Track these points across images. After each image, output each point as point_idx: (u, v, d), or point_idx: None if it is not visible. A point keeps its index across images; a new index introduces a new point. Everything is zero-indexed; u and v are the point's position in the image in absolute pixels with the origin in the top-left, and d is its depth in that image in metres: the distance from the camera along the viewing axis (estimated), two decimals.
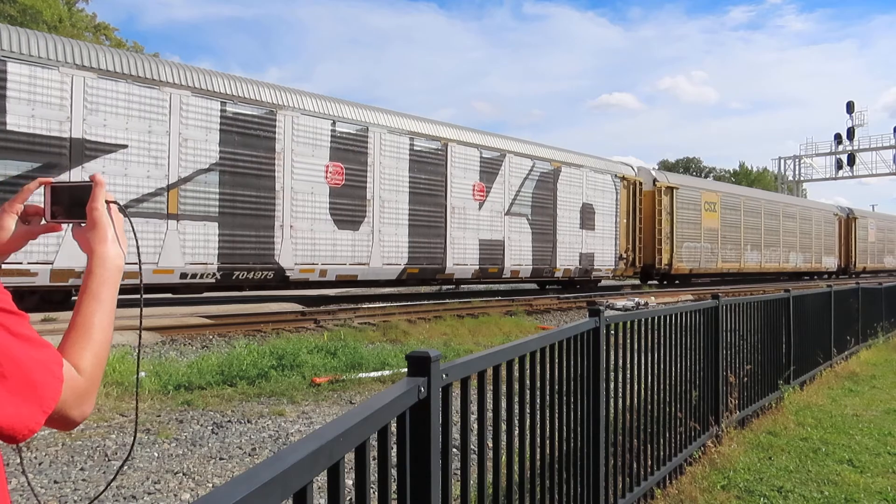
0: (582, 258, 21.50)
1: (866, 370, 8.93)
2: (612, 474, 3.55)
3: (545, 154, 20.67)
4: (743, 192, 32.28)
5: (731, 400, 5.50)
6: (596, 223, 22.22)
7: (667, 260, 24.79)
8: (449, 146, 17.43)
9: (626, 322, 3.95)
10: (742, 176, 76.38)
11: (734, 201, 29.85)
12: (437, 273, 16.98)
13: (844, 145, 49.50)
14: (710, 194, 28.18)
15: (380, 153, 15.68)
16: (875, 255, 43.01)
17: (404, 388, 1.70)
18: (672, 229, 25.08)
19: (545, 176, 20.34)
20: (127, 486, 4.13)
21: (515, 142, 19.94)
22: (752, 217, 30.90)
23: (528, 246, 19.63)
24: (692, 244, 26.34)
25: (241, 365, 7.24)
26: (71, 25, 35.33)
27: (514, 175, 19.33)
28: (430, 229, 16.78)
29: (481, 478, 2.28)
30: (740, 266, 29.72)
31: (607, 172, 23.00)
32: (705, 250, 27.24)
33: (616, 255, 23.06)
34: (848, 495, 4.30)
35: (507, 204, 18.97)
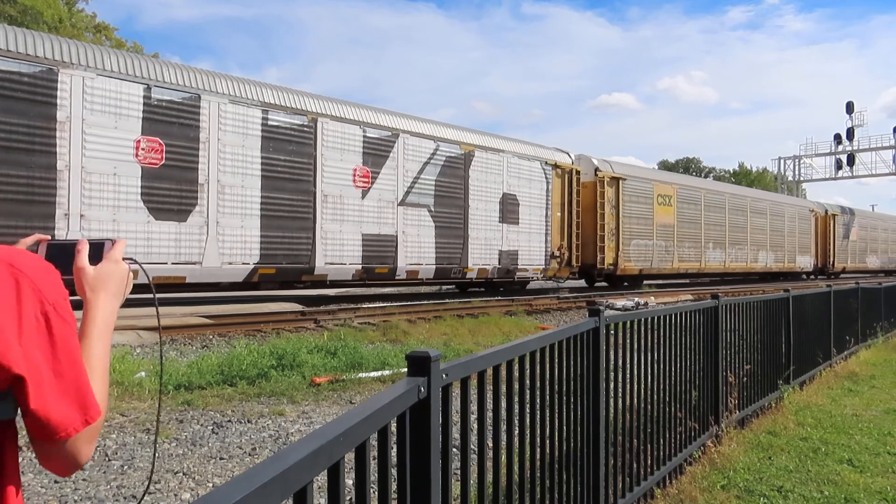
0: (502, 256, 18.85)
1: (866, 370, 8.93)
2: (612, 474, 3.55)
3: (453, 136, 17.86)
4: (703, 185, 29.69)
5: (730, 400, 5.50)
6: (521, 217, 19.45)
7: (611, 259, 22.26)
8: (319, 122, 14.51)
9: (626, 322, 3.95)
10: (742, 176, 76.40)
11: (693, 195, 27.09)
12: (302, 274, 14.32)
13: (844, 145, 49.50)
14: (665, 186, 25.36)
15: (218, 128, 12.87)
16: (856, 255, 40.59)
17: (404, 388, 1.70)
18: (618, 225, 22.54)
19: (453, 161, 17.57)
20: (127, 486, 4.14)
21: (413, 120, 17.01)
22: (715, 212, 28.32)
23: (431, 242, 16.88)
24: (643, 242, 23.73)
25: (241, 365, 7.24)
26: (71, 26, 35.34)
27: (410, 159, 16.47)
28: (293, 221, 14.04)
29: (481, 478, 2.28)
30: (701, 266, 27.15)
31: (535, 159, 20.19)
32: (659, 248, 24.54)
33: (547, 254, 20.40)
34: (848, 495, 4.31)
35: (400, 192, 16.17)
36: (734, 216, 29.55)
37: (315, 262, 14.39)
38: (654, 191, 24.62)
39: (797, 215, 34.82)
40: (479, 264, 18.27)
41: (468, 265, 17.94)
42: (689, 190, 27.17)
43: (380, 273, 15.90)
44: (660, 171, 27.25)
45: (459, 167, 17.85)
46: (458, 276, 17.88)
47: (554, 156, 21.17)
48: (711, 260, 27.93)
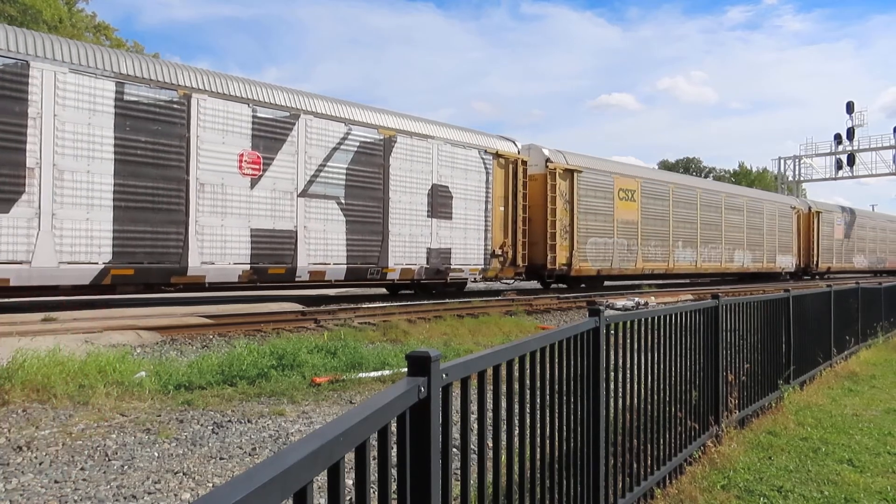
0: (432, 255, 16.94)
1: (866, 370, 8.93)
2: (612, 474, 3.55)
3: (370, 118, 15.73)
4: (671, 179, 27.08)
5: (730, 400, 5.50)
6: (455, 211, 17.56)
7: (564, 259, 20.45)
8: (195, 99, 12.56)
9: (626, 322, 3.95)
10: (742, 176, 76.41)
11: (660, 189, 24.82)
12: (171, 275, 12.34)
13: (844, 145, 49.47)
14: (627, 180, 23.22)
15: (54, 102, 11.02)
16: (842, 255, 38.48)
17: (404, 387, 1.70)
18: (573, 221, 20.73)
19: (370, 147, 15.59)
20: (127, 485, 4.14)
21: (319, 100, 14.96)
22: (685, 208, 26.20)
23: (341, 239, 15.04)
24: (602, 240, 21.94)
25: (242, 365, 7.23)
26: (71, 25, 35.33)
27: (314, 144, 14.53)
28: (158, 213, 12.10)
29: (481, 478, 2.28)
30: (669, 266, 25.11)
31: (473, 147, 18.23)
32: (620, 247, 22.68)
33: (487, 252, 18.56)
34: (848, 495, 4.31)
35: (301, 182, 14.30)
36: (707, 213, 27.64)
37: (188, 262, 12.51)
38: (615, 184, 22.61)
39: (777, 212, 32.87)
40: (402, 264, 16.26)
41: (388, 265, 15.95)
42: (655, 184, 24.88)
43: (275, 274, 13.98)
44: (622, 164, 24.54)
45: (377, 154, 15.80)
46: (376, 277, 15.85)
47: (495, 144, 19.15)
48: (681, 260, 25.89)
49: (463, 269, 17.98)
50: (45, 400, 6.09)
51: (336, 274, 15.06)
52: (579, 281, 22.41)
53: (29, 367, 6.55)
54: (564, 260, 20.53)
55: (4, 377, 6.33)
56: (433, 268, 17.10)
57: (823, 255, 36.27)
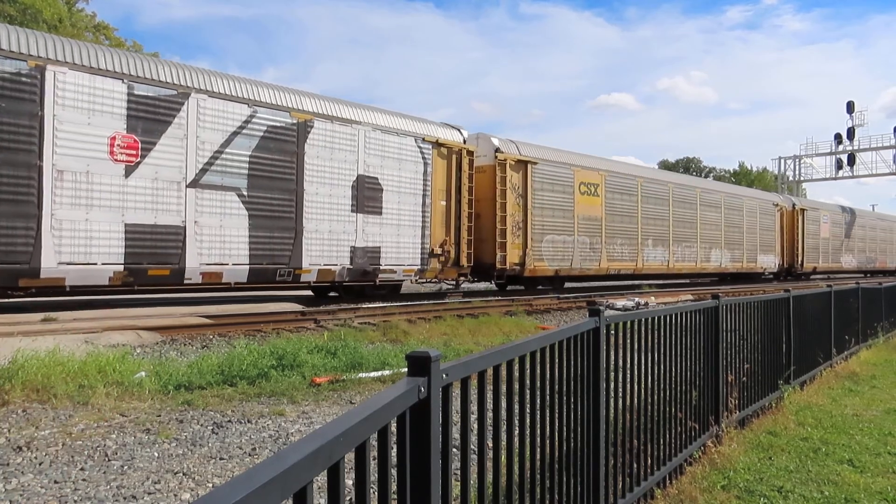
0: (357, 254, 15.19)
1: (866, 370, 8.93)
2: (612, 474, 3.55)
3: (280, 99, 13.99)
4: (640, 173, 24.97)
5: (731, 400, 5.50)
6: (385, 205, 15.84)
7: (517, 258, 18.92)
8: (50, 72, 10.81)
9: (626, 322, 3.95)
10: (742, 176, 76.42)
11: (626, 183, 23.15)
12: (18, 277, 10.57)
13: (844, 145, 49.47)
14: (589, 173, 21.53)
15: None
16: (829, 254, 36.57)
17: (404, 388, 1.70)
18: (527, 217, 19.15)
19: (279, 132, 13.81)
20: (127, 486, 4.13)
21: (217, 77, 13.16)
22: (656, 205, 24.44)
23: (242, 235, 13.22)
24: (560, 238, 20.34)
25: (242, 365, 7.24)
26: (71, 25, 35.33)
27: (209, 126, 12.72)
28: (1, 205, 10.38)
29: (481, 478, 2.28)
30: (637, 266, 23.46)
31: (408, 135, 16.39)
32: (581, 246, 21.13)
33: (424, 251, 16.79)
34: (848, 495, 4.31)
35: (192, 170, 12.45)
36: (681, 209, 25.85)
37: (41, 262, 10.70)
38: (575, 178, 21.00)
39: (758, 209, 30.97)
40: (319, 264, 14.49)
41: (303, 265, 14.17)
42: (622, 178, 23.14)
43: (157, 276, 12.11)
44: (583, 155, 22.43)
45: (290, 140, 14.02)
46: (287, 278, 14.07)
47: (435, 131, 17.27)
48: (651, 259, 24.17)
49: (395, 270, 16.15)
50: (45, 400, 6.09)
51: (236, 275, 13.20)
52: (535, 282, 20.84)
53: (29, 368, 6.55)
54: (517, 259, 18.97)
55: (4, 377, 6.33)
56: (359, 268, 15.26)
57: (809, 255, 34.53)
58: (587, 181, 21.54)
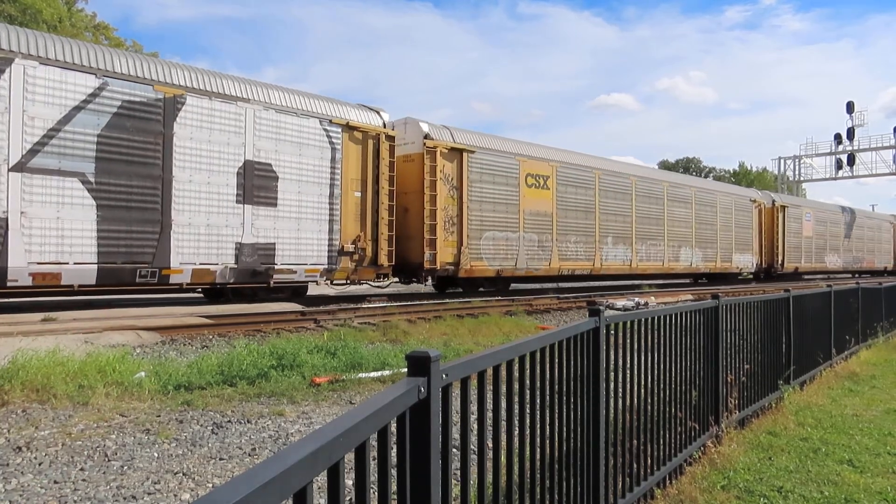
0: (245, 252, 13.35)
1: (866, 370, 8.93)
2: (612, 474, 3.55)
3: (141, 70, 12.08)
4: (599, 165, 22.65)
5: (730, 400, 5.50)
6: (282, 196, 14.03)
7: (450, 257, 17.20)
8: None
9: (626, 322, 3.95)
10: (742, 176, 76.43)
11: (582, 176, 21.24)
12: None
13: (844, 145, 49.52)
14: (538, 164, 19.68)
15: None
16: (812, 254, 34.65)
17: (404, 388, 1.70)
18: (462, 212, 17.48)
19: (139, 109, 11.93)
20: (127, 486, 4.13)
21: (54, 41, 11.31)
22: (617, 199, 22.64)
23: (89, 229, 11.35)
24: (503, 234, 18.62)
25: (241, 365, 7.23)
26: (71, 25, 35.33)
27: (41, 100, 10.85)
28: None
29: (481, 478, 2.28)
30: (595, 266, 21.61)
31: (311, 116, 14.52)
32: (529, 243, 19.36)
33: (333, 248, 14.99)
34: (848, 495, 4.31)
35: (15, 151, 10.56)
36: (645, 204, 23.93)
37: None
38: (521, 168, 19.19)
39: (734, 205, 29.16)
40: (194, 263, 12.60)
41: (172, 264, 12.28)
42: (576, 169, 21.18)
43: None
44: (530, 144, 20.43)
45: (154, 119, 12.16)
46: (151, 279, 12.11)
47: (347, 113, 15.38)
48: (611, 258, 22.40)
49: (295, 270, 14.28)
50: (45, 400, 6.08)
51: (80, 277, 11.26)
52: (474, 283, 19.19)
53: (29, 368, 6.55)
54: (450, 258, 17.25)
55: (4, 377, 6.33)
56: (247, 268, 13.41)
57: (790, 254, 32.59)
58: (535, 172, 19.62)
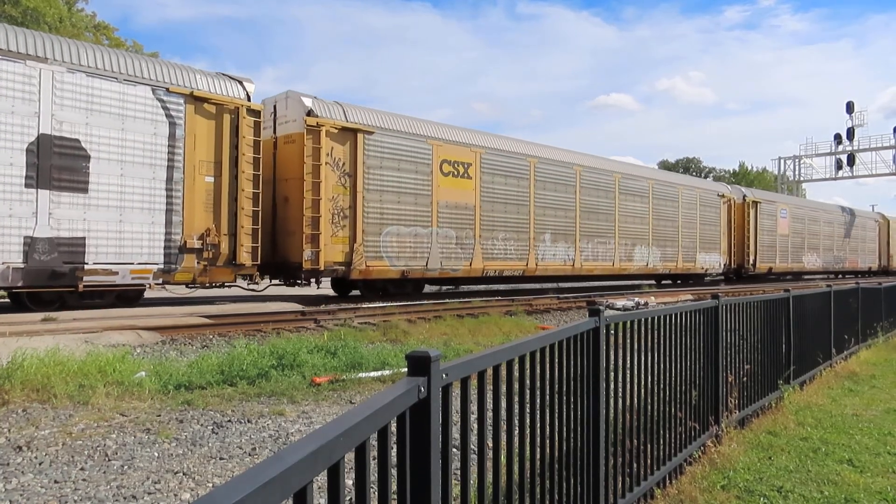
0: (38, 248, 11.01)
1: (866, 370, 8.93)
2: (612, 474, 3.55)
3: None
4: (534, 152, 19.96)
5: (730, 400, 5.50)
6: (94, 179, 11.64)
7: (340, 255, 14.93)
8: None
9: (626, 322, 3.95)
10: (742, 176, 76.44)
11: (513, 164, 18.90)
12: None
13: (844, 145, 49.54)
14: (457, 149, 17.32)
15: None
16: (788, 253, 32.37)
17: (404, 387, 1.70)
18: (356, 203, 15.19)
19: None
20: (127, 486, 4.14)
21: None
22: (558, 191, 20.32)
23: None
24: (409, 230, 16.32)
25: (242, 365, 7.24)
26: (71, 25, 35.32)
27: None
28: None
29: (481, 478, 2.28)
30: (529, 266, 19.26)
31: (139, 83, 12.16)
32: (444, 241, 17.01)
33: (172, 244, 12.67)
34: (848, 495, 4.31)
35: None
36: (592, 198, 21.64)
37: None
38: (435, 154, 16.75)
39: (698, 200, 26.75)
40: None
41: None
42: (505, 156, 18.70)
43: None
44: (450, 127, 17.97)
45: None
46: None
47: (192, 81, 12.99)
48: (549, 258, 20.01)
49: (116, 271, 11.85)
50: (45, 400, 6.09)
51: None
52: (373, 287, 16.75)
53: (28, 367, 6.55)
54: (340, 257, 14.93)
55: (4, 377, 6.33)
56: (42, 268, 11.03)
57: (763, 254, 30.34)
58: (454, 159, 17.22)
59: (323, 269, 14.79)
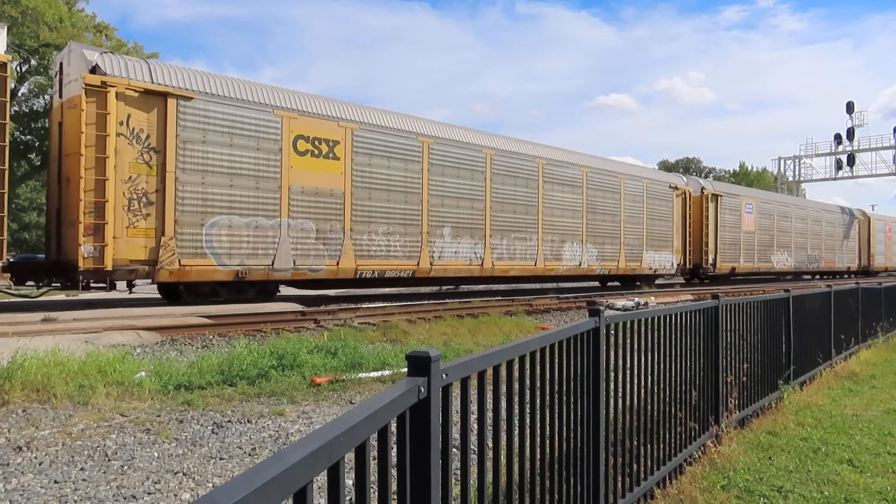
0: None
1: (866, 370, 8.93)
2: (612, 474, 3.55)
3: None
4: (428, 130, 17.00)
5: (730, 400, 5.50)
6: None
7: (141, 252, 12.22)
8: None
9: (626, 322, 3.95)
10: (742, 176, 76.45)
11: (399, 144, 15.95)
12: None
13: (844, 145, 49.56)
14: (320, 124, 14.38)
15: None
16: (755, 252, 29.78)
17: (404, 388, 1.70)
18: (164, 186, 12.41)
19: None
20: (127, 486, 4.14)
21: None
22: (461, 178, 17.40)
23: None
24: (245, 221, 13.37)
25: (242, 365, 7.24)
26: (71, 25, 35.30)
27: None
28: None
29: (481, 478, 2.28)
30: (421, 266, 16.28)
31: None
32: (300, 234, 14.09)
33: None
34: (848, 495, 4.31)
35: None
36: (508, 186, 18.72)
37: None
38: (287, 128, 13.83)
39: (646, 192, 23.82)
40: None
41: None
42: (387, 135, 15.75)
43: None
44: (309, 96, 14.98)
45: None
46: None
47: None
48: (448, 256, 16.96)
49: None
50: (45, 400, 6.09)
51: None
52: (193, 290, 13.66)
53: (29, 368, 6.55)
54: (141, 254, 12.16)
55: (4, 377, 6.33)
56: None
57: (725, 252, 27.69)
58: (315, 135, 14.32)
59: (111, 268, 11.76)
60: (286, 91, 14.73)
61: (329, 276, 14.88)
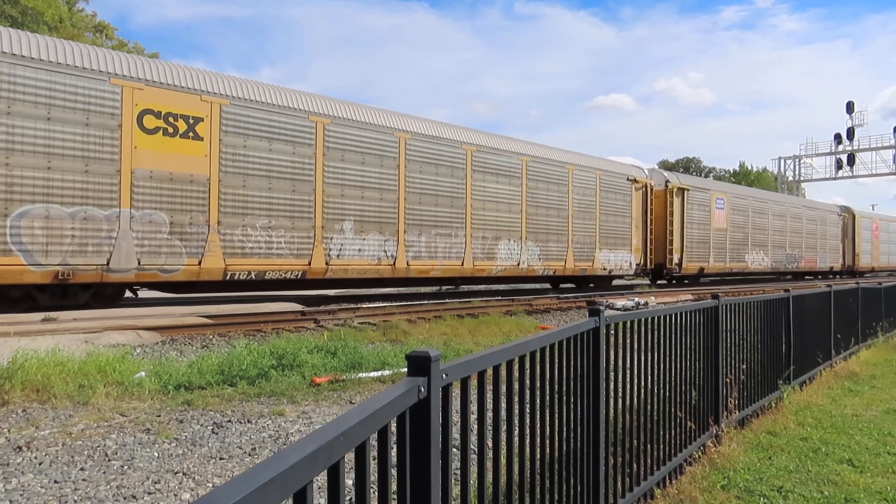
0: None
1: (866, 370, 8.93)
2: (612, 474, 3.55)
3: None
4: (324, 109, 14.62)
5: (730, 400, 5.50)
6: None
7: None
8: None
9: (626, 322, 3.95)
10: (742, 176, 76.44)
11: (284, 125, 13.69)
12: None
13: (844, 145, 49.60)
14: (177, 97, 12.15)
15: None
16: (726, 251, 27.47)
17: (404, 387, 1.70)
18: None
19: None
20: (127, 486, 4.14)
21: None
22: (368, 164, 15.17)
23: None
24: (74, 211, 11.07)
25: (241, 365, 7.23)
26: (71, 25, 35.30)
27: None
28: None
29: (481, 478, 2.28)
30: (315, 266, 14.15)
31: None
32: (146, 227, 11.83)
33: None
34: (848, 495, 4.31)
35: None
36: (428, 175, 16.46)
37: None
38: (130, 101, 11.58)
39: (599, 184, 21.59)
40: None
41: None
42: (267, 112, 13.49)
43: None
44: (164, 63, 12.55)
45: None
46: None
47: None
48: (350, 254, 14.79)
49: None
50: (45, 400, 6.09)
51: None
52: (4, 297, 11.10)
53: (28, 368, 6.55)
54: None
55: (4, 377, 6.33)
56: None
57: (692, 251, 25.46)
58: (169, 110, 12.06)
59: None
60: (129, 57, 12.30)
61: (188, 278, 12.50)
